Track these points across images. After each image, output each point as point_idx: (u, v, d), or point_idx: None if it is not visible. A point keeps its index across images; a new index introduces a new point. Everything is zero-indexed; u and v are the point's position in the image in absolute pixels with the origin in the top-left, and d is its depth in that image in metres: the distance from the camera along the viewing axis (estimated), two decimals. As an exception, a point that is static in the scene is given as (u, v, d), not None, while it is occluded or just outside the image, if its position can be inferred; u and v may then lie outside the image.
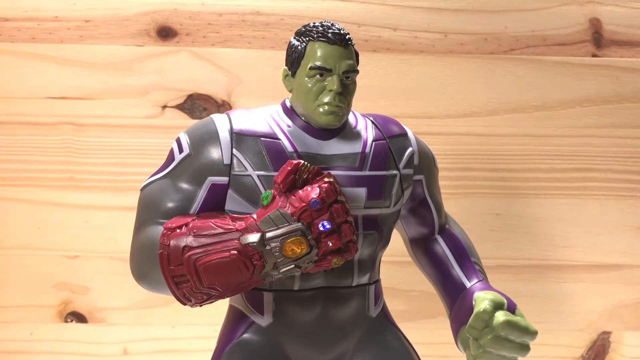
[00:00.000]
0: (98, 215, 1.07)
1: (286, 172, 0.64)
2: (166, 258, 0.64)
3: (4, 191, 1.07)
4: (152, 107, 1.07)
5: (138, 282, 0.69)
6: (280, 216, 0.63)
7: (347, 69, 0.69)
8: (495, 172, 1.10)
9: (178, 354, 1.09)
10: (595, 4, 1.10)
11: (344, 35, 0.69)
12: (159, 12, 1.07)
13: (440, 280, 0.77)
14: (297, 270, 0.64)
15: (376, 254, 0.73)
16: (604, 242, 1.11)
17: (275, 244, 0.63)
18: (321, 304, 0.71)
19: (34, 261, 1.08)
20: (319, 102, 0.69)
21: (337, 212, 0.63)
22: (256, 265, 0.63)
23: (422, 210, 0.78)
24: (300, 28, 0.71)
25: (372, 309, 0.74)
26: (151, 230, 0.68)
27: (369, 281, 0.73)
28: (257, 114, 0.72)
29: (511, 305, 0.68)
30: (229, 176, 0.68)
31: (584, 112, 1.10)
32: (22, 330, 1.08)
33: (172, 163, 0.70)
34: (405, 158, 0.74)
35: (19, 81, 1.06)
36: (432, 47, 1.09)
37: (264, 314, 0.71)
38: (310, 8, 1.08)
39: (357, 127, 0.74)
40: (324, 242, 0.63)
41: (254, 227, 0.63)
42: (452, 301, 0.74)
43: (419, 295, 1.10)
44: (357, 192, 0.70)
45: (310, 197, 0.62)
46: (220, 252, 0.63)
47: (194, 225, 0.65)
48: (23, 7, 1.06)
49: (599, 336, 1.12)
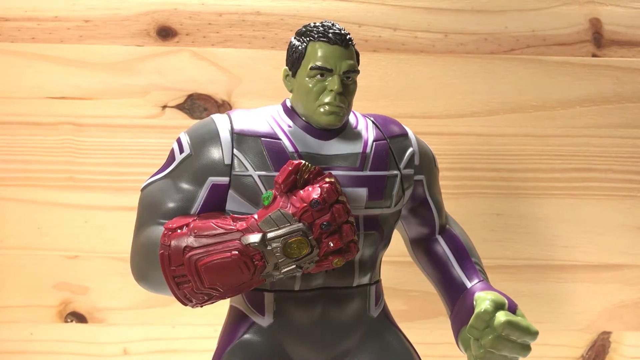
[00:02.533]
0: (98, 215, 1.07)
1: (287, 172, 0.64)
2: (167, 258, 0.64)
3: (4, 191, 1.07)
4: (152, 107, 1.07)
5: (139, 282, 0.69)
6: (282, 216, 0.63)
7: (347, 69, 0.69)
8: (495, 172, 1.10)
9: (178, 354, 1.09)
10: (596, 4, 1.10)
11: (344, 36, 0.69)
12: (159, 12, 1.06)
13: (441, 281, 0.77)
14: (299, 271, 0.64)
15: (377, 254, 0.73)
16: (604, 242, 1.11)
17: (276, 244, 0.63)
18: (322, 305, 0.71)
19: (34, 261, 1.07)
20: (320, 102, 0.69)
21: (339, 212, 0.63)
22: (257, 265, 0.63)
23: (423, 211, 0.78)
24: (301, 28, 0.71)
25: (373, 310, 0.74)
26: (152, 230, 0.68)
27: (369, 281, 0.73)
28: (257, 114, 0.72)
29: (512, 306, 0.68)
30: (230, 176, 0.68)
31: (584, 112, 1.10)
32: (22, 330, 1.08)
33: (173, 163, 0.70)
34: (405, 158, 0.74)
35: (19, 81, 1.06)
36: (432, 47, 1.09)
37: (265, 315, 0.71)
38: (310, 8, 1.08)
39: (357, 127, 0.73)
40: (325, 243, 0.63)
41: (255, 227, 0.63)
42: (453, 301, 0.74)
43: (419, 295, 1.10)
44: (357, 193, 0.69)
45: (311, 197, 0.62)
46: (222, 252, 0.63)
47: (194, 225, 0.64)
48: (23, 7, 1.05)
49: (599, 336, 1.12)
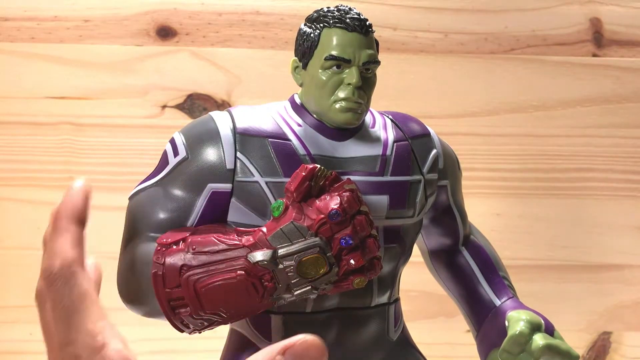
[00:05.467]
0: (97, 215, 1.06)
1: (301, 178, 0.55)
2: (161, 279, 0.55)
3: (4, 191, 1.07)
4: (152, 107, 1.07)
5: (128, 306, 0.60)
6: (295, 230, 0.54)
7: (367, 59, 0.60)
8: (495, 172, 1.10)
9: (178, 354, 1.09)
10: (596, 4, 1.09)
11: (364, 21, 0.60)
12: (159, 11, 1.06)
13: (465, 297, 0.69)
14: (314, 293, 0.55)
15: (397, 269, 0.65)
16: (604, 242, 1.11)
17: (289, 263, 0.54)
18: (336, 328, 0.62)
19: (34, 261, 1.06)
20: (336, 97, 0.60)
21: (361, 224, 0.54)
22: (267, 287, 0.54)
23: (446, 219, 0.70)
24: (312, 14, 0.62)
25: (392, 332, 0.65)
26: (142, 246, 0.59)
27: (388, 300, 0.65)
28: (262, 111, 0.63)
29: (549, 327, 0.62)
30: (232, 183, 0.59)
31: (584, 112, 1.10)
32: (22, 330, 1.08)
33: (166, 168, 0.60)
34: (429, 161, 0.65)
35: (18, 81, 1.06)
36: (432, 46, 1.09)
37: (272, 340, 0.61)
38: (310, 8, 1.06)
39: (374, 126, 0.65)
40: (346, 260, 0.54)
41: (263, 242, 0.54)
42: (480, 320, 0.67)
43: (419, 295, 1.09)
44: (378, 201, 0.61)
45: (330, 208, 0.53)
46: (225, 272, 0.54)
47: (193, 240, 0.55)
48: (22, 6, 1.05)
49: (599, 336, 1.12)
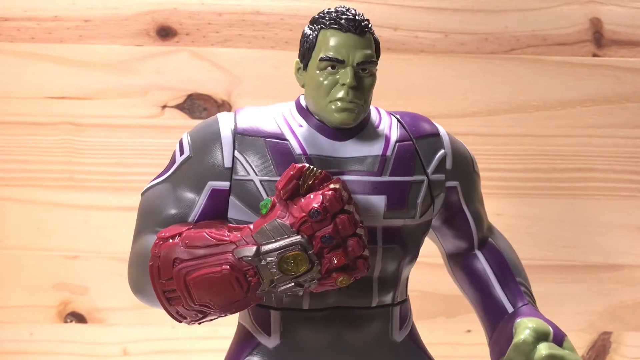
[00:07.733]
0: (98, 215, 1.07)
1: (288, 177, 0.56)
2: (156, 270, 0.57)
3: (4, 191, 1.07)
4: (152, 107, 1.07)
5: (135, 294, 0.64)
6: (278, 227, 0.55)
7: (362, 59, 0.61)
8: (495, 172, 1.10)
9: (178, 354, 1.09)
10: (596, 4, 1.09)
11: (359, 22, 0.61)
12: (159, 11, 1.06)
13: (480, 302, 0.68)
14: (299, 289, 0.57)
15: (400, 270, 0.65)
16: (604, 242, 1.11)
17: (271, 259, 0.55)
18: (336, 327, 0.63)
19: (33, 261, 1.07)
20: (331, 97, 0.61)
21: (343, 224, 0.55)
22: (251, 282, 0.56)
23: (459, 222, 0.69)
24: (315, 15, 0.64)
25: (397, 333, 0.65)
26: (147, 239, 0.62)
27: (392, 301, 0.65)
28: (266, 112, 0.65)
29: (558, 335, 0.60)
30: (230, 181, 0.61)
31: (585, 112, 1.10)
32: (22, 331, 1.08)
33: (173, 166, 0.64)
34: (435, 161, 0.65)
35: (19, 81, 1.06)
36: (432, 47, 1.08)
37: (271, 335, 0.63)
38: (310, 8, 1.07)
39: (379, 126, 0.65)
40: (328, 258, 0.55)
41: (249, 239, 0.56)
42: (493, 327, 0.66)
43: (419, 295, 1.09)
44: (374, 201, 0.61)
45: (311, 207, 0.54)
46: (212, 265, 0.56)
47: (186, 235, 0.58)
48: (23, 6, 1.05)
49: (599, 336, 1.12)
